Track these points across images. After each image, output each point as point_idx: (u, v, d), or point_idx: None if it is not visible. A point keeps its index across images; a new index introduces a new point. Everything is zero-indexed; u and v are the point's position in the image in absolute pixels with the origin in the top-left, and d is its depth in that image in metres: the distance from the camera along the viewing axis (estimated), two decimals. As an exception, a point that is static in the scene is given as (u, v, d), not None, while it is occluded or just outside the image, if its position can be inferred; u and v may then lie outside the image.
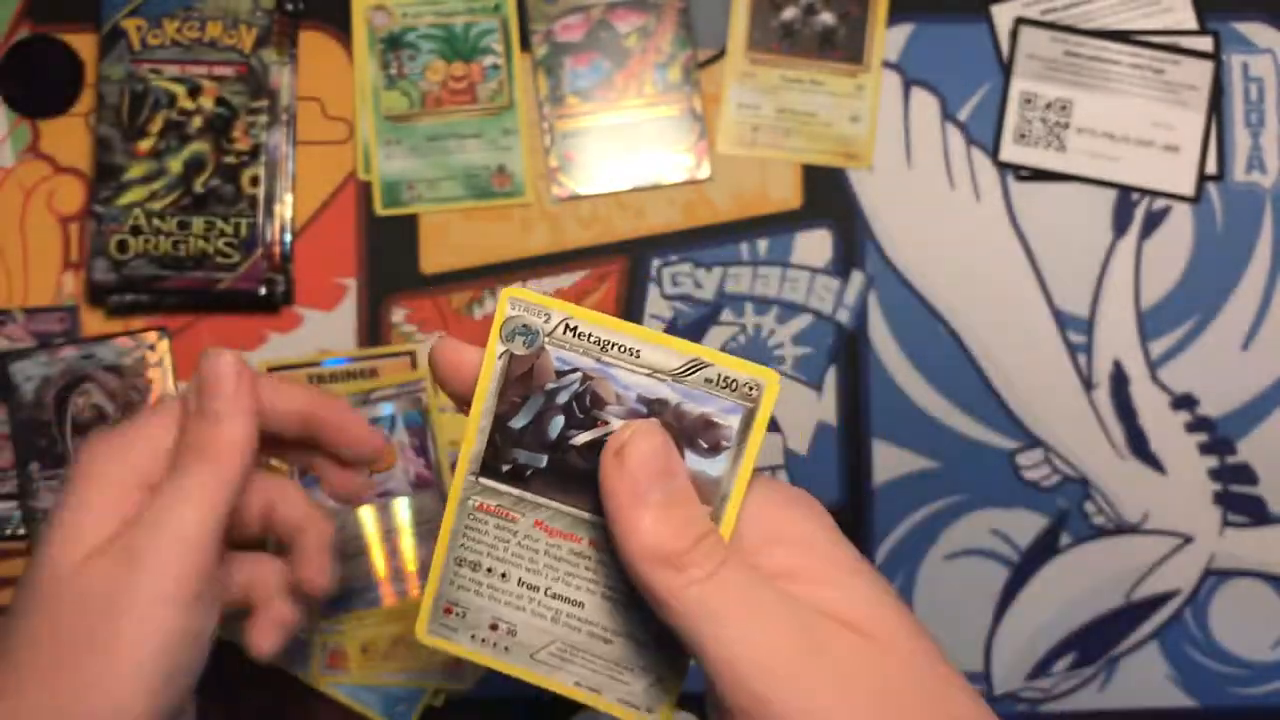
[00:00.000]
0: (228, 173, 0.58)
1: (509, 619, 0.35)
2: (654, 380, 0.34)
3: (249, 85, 0.57)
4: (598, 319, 0.34)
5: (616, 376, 0.34)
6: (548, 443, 0.34)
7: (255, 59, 0.57)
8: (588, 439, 0.34)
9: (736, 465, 0.33)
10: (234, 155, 0.57)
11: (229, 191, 0.57)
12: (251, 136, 0.56)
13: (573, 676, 0.35)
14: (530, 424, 0.34)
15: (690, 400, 0.34)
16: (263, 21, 0.57)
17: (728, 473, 0.33)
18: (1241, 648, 0.62)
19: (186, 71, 0.56)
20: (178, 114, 0.56)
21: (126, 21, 0.56)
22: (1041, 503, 0.62)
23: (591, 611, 0.35)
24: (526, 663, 0.35)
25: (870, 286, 0.62)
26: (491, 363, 0.34)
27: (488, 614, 0.35)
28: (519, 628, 0.35)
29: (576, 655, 0.35)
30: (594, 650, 0.35)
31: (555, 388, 0.34)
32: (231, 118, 0.57)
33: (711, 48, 0.62)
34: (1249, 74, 0.62)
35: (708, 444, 0.34)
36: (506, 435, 0.34)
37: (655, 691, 0.35)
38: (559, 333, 0.34)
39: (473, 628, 0.35)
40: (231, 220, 0.57)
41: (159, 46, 0.56)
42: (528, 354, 0.34)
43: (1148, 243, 0.62)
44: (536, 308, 0.34)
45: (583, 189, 0.61)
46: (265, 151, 0.58)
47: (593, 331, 0.34)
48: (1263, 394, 0.62)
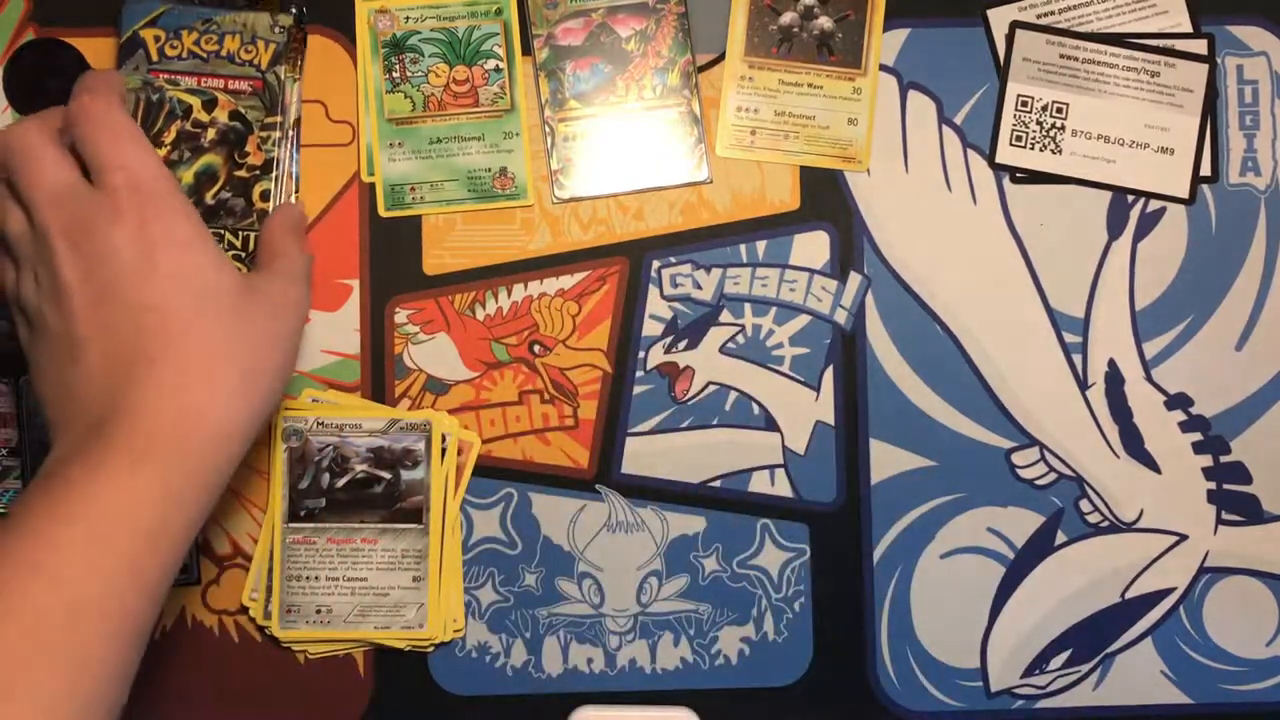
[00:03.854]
0: (239, 186, 0.58)
1: (325, 603, 0.59)
2: (372, 436, 0.60)
3: (264, 100, 0.57)
4: (334, 410, 0.60)
5: (351, 441, 0.60)
6: (322, 491, 0.60)
7: (271, 74, 0.57)
8: (343, 482, 0.60)
9: (429, 468, 0.60)
10: (246, 169, 0.58)
11: (239, 205, 0.58)
12: (264, 151, 0.57)
13: (370, 625, 0.59)
14: (310, 484, 0.60)
15: (395, 441, 0.60)
16: (280, 38, 0.57)
17: (426, 474, 0.60)
18: (1236, 645, 0.63)
19: (203, 84, 0.57)
20: (192, 125, 0.57)
21: (145, 32, 0.56)
22: (1037, 501, 0.62)
23: (373, 581, 0.59)
24: (342, 627, 0.59)
25: (867, 287, 0.62)
26: (279, 456, 0.60)
27: (312, 604, 0.59)
28: (333, 607, 0.59)
29: (370, 612, 0.59)
30: (379, 605, 0.59)
31: (319, 459, 0.60)
32: (246, 132, 0.58)
33: (710, 52, 0.62)
34: (1243, 77, 0.63)
35: (410, 462, 0.60)
36: (298, 494, 0.60)
37: (421, 613, 0.59)
38: (313, 429, 0.60)
39: (306, 616, 0.60)
40: (240, 233, 0.58)
41: (176, 58, 0.56)
42: (299, 445, 0.60)
43: (1143, 244, 0.62)
44: (298, 418, 0.60)
45: (583, 191, 0.62)
46: (277, 165, 0.59)
47: (332, 420, 0.60)
48: (1256, 394, 0.62)
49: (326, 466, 0.60)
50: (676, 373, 0.62)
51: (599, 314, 0.62)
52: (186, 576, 0.60)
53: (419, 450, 0.60)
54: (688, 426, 0.62)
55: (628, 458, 0.62)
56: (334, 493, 0.60)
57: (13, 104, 0.62)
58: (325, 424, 0.60)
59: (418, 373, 0.61)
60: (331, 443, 0.60)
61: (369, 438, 0.60)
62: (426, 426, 0.60)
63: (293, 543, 0.60)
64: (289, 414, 0.60)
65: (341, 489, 0.60)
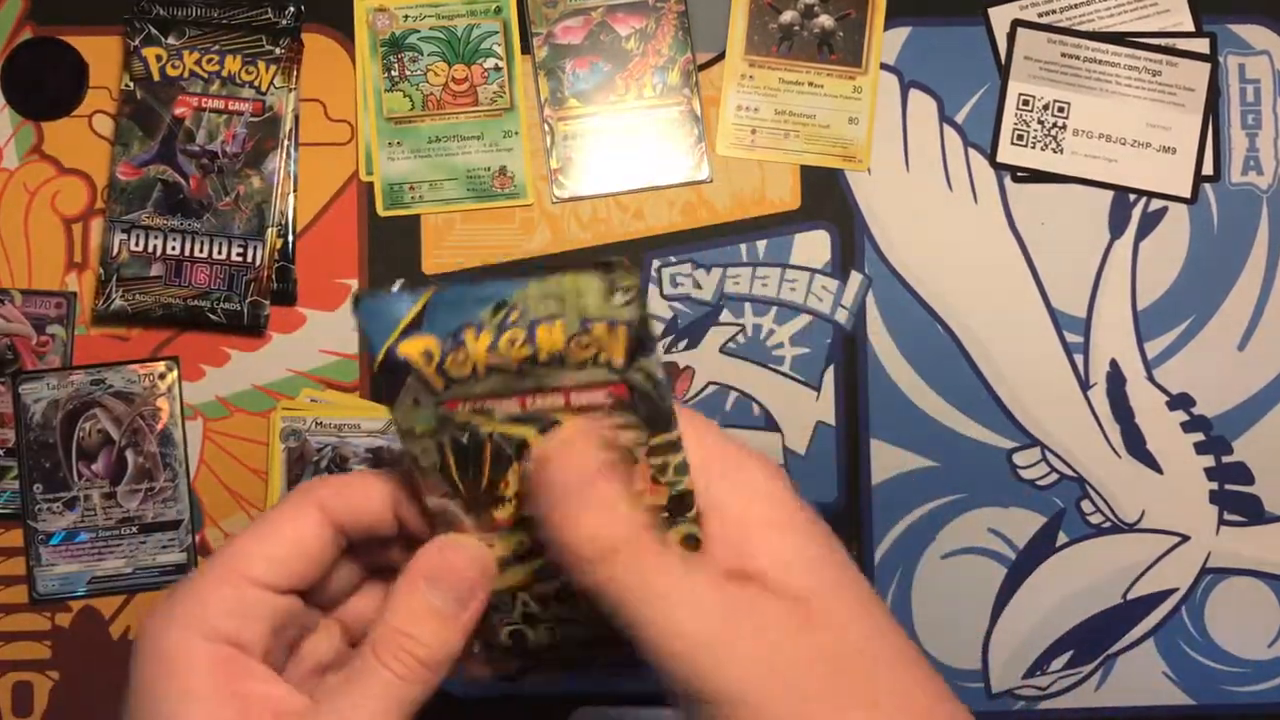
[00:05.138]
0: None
1: None
2: (370, 436, 0.59)
3: (640, 413, 0.33)
4: (333, 410, 0.60)
5: (349, 441, 0.60)
6: None
7: (630, 375, 0.33)
8: None
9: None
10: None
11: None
12: (662, 484, 0.34)
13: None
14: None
15: (394, 441, 0.58)
16: (626, 314, 0.32)
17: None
18: (1237, 646, 0.62)
19: (530, 405, 0.33)
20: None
21: (407, 346, 0.33)
22: (1038, 502, 0.62)
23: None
24: None
25: (868, 287, 0.62)
26: (277, 456, 0.59)
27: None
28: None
29: None
30: None
31: (317, 459, 0.60)
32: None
33: (710, 50, 0.62)
34: (1245, 75, 0.63)
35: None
36: None
37: None
38: (311, 429, 0.59)
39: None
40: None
41: (470, 376, 0.33)
42: (297, 445, 0.59)
43: (1144, 243, 0.62)
44: (297, 418, 0.60)
45: (583, 190, 0.62)
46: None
47: (330, 420, 0.60)
48: (1259, 393, 0.62)
49: (325, 467, 0.59)
50: (676, 373, 0.62)
51: (599, 314, 0.62)
52: (185, 577, 0.60)
53: None
54: (688, 427, 0.62)
55: (628, 458, 0.62)
56: None
57: (11, 103, 0.61)
58: (324, 424, 0.60)
59: (417, 373, 0.61)
60: (330, 443, 0.60)
61: (368, 438, 0.60)
62: None
63: None
64: (287, 414, 0.60)
65: None
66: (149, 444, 0.60)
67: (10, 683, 0.61)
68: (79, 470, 0.60)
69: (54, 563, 0.60)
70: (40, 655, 0.61)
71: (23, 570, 0.60)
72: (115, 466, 0.60)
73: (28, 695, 0.61)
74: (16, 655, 0.61)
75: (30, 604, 0.60)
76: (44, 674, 0.61)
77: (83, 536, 0.60)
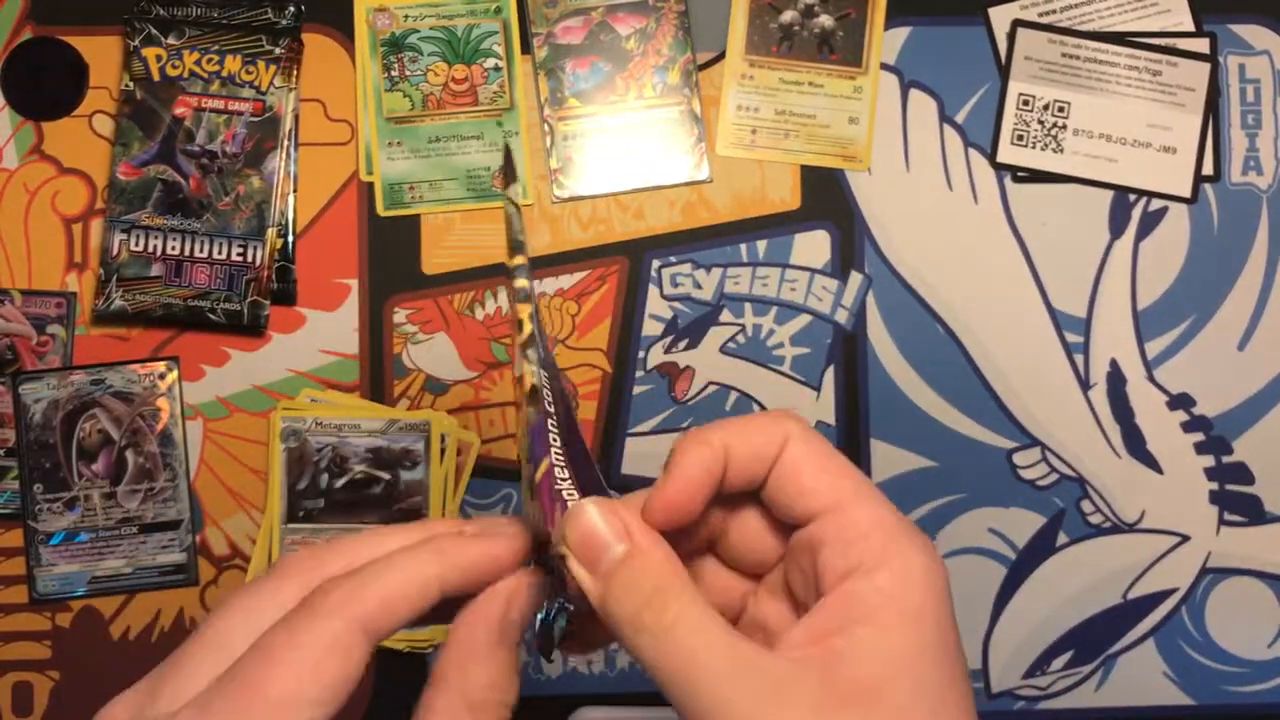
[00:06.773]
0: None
1: None
2: (371, 436, 0.60)
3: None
4: (333, 410, 0.60)
5: (349, 441, 0.60)
6: (320, 492, 0.60)
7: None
8: (342, 483, 0.60)
9: (428, 468, 0.59)
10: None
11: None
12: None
13: None
14: (309, 484, 0.60)
15: (394, 441, 0.60)
16: None
17: (425, 475, 0.60)
18: (1237, 646, 0.62)
19: None
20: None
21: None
22: (1039, 502, 0.62)
23: None
24: None
25: (868, 287, 0.62)
26: (277, 457, 0.59)
27: None
28: None
29: None
30: None
31: (317, 459, 0.60)
32: None
33: (711, 50, 0.62)
34: (1245, 75, 0.63)
35: (409, 462, 0.60)
36: (296, 495, 0.60)
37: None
38: (311, 429, 0.59)
39: None
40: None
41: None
42: (297, 445, 0.60)
43: (1144, 243, 0.62)
44: (297, 419, 0.60)
45: (583, 190, 0.61)
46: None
47: (330, 420, 0.60)
48: (1259, 394, 0.62)
49: (325, 467, 0.60)
50: (676, 373, 0.62)
51: (599, 314, 0.62)
52: (184, 578, 0.60)
53: (418, 450, 0.60)
54: (688, 427, 0.62)
55: (627, 458, 0.62)
56: (332, 493, 0.60)
57: (11, 103, 0.61)
58: (324, 424, 0.60)
59: (416, 373, 0.61)
60: (330, 443, 0.60)
61: (368, 438, 0.60)
62: (425, 427, 0.60)
63: (291, 544, 0.59)
64: (287, 414, 0.60)
65: (340, 489, 0.60)
66: (149, 444, 0.60)
67: (10, 683, 0.61)
68: (79, 470, 0.60)
69: (54, 563, 0.60)
70: (40, 655, 0.61)
71: (23, 570, 0.60)
72: (115, 466, 0.60)
73: (28, 695, 0.61)
74: (16, 655, 0.61)
75: (30, 604, 0.61)
76: (44, 674, 0.61)
77: (83, 536, 0.60)
